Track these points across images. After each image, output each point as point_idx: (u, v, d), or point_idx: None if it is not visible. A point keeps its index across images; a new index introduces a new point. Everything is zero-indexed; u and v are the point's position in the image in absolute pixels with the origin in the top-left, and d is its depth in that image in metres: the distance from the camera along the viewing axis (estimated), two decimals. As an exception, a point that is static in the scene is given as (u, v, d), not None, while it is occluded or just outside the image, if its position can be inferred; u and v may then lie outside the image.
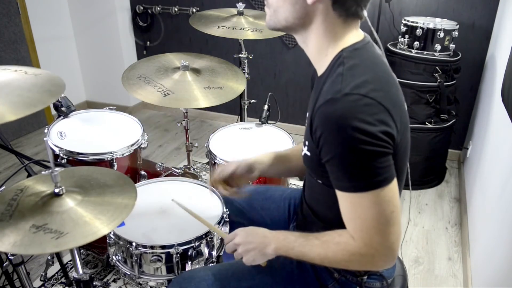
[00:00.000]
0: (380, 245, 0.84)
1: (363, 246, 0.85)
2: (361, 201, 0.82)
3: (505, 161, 1.60)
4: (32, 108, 0.95)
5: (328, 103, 0.79)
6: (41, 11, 3.21)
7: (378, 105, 0.78)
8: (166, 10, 3.34)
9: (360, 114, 0.76)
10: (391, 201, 0.82)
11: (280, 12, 0.89)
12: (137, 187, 1.08)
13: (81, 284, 1.10)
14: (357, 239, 0.86)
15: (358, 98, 0.77)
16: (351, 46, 0.87)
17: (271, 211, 1.31)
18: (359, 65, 0.84)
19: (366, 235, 0.84)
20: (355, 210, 0.84)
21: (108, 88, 3.65)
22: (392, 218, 0.83)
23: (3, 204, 0.97)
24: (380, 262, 0.88)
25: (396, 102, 0.84)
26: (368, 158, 0.78)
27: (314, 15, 0.86)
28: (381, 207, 0.81)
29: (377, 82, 0.81)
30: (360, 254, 0.86)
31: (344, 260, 0.89)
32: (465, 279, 1.89)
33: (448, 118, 2.50)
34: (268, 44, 3.15)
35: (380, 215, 0.82)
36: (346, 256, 0.88)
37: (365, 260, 0.87)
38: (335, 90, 0.80)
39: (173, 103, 1.57)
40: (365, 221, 0.83)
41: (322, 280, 1.04)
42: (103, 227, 0.91)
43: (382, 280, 1.02)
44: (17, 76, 1.09)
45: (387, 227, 0.83)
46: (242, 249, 1.00)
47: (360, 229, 0.85)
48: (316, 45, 0.90)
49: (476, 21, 2.61)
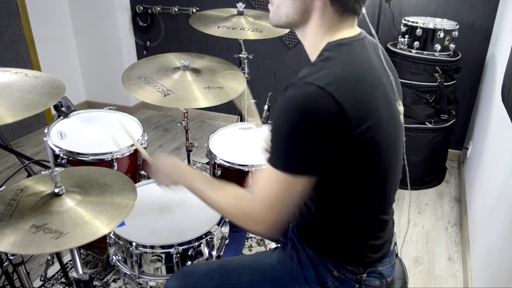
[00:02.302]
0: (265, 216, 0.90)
1: (253, 209, 0.91)
2: (273, 175, 0.86)
3: (505, 161, 1.60)
4: (32, 111, 0.95)
5: (290, 86, 0.83)
6: (41, 11, 3.21)
7: (332, 100, 0.79)
8: (166, 10, 3.34)
9: (310, 102, 0.79)
10: (292, 191, 0.87)
11: (281, 8, 0.93)
12: (137, 187, 1.09)
13: (81, 284, 1.10)
14: (253, 201, 0.91)
15: (314, 89, 0.80)
16: (337, 41, 0.90)
17: None
18: (333, 58, 0.87)
19: (261, 202, 0.90)
20: (265, 180, 0.90)
21: (108, 88, 3.65)
22: (284, 203, 0.89)
23: (3, 204, 0.97)
24: (256, 227, 0.94)
25: (362, 101, 0.85)
26: (295, 144, 0.82)
27: (312, 11, 0.90)
28: (283, 189, 0.87)
29: (342, 78, 0.83)
30: (247, 214, 0.93)
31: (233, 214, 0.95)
32: (465, 279, 1.89)
33: (448, 118, 2.50)
34: (268, 44, 3.15)
35: (279, 194, 0.88)
36: (236, 210, 0.94)
37: (247, 220, 0.93)
38: (300, 75, 0.84)
39: (173, 103, 1.57)
40: (267, 191, 0.89)
41: (322, 277, 1.04)
42: (103, 227, 0.91)
43: (382, 278, 1.03)
44: (17, 78, 1.09)
45: (277, 205, 0.89)
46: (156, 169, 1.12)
47: (259, 195, 0.90)
48: (312, 39, 0.94)
49: (476, 21, 2.61)
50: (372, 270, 1.01)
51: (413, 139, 2.49)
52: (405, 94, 2.44)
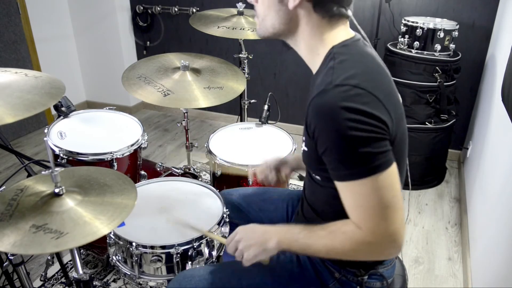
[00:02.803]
0: (386, 231, 0.83)
1: (369, 234, 0.84)
2: (361, 188, 0.81)
3: (505, 161, 1.60)
4: (32, 111, 0.95)
5: (320, 95, 0.81)
6: (41, 11, 3.21)
7: (369, 95, 0.79)
8: (166, 10, 3.34)
9: (351, 103, 0.77)
10: (391, 186, 0.82)
11: (267, 20, 0.93)
12: (137, 187, 1.09)
13: (81, 284, 1.10)
14: (362, 227, 0.84)
15: (348, 89, 0.79)
16: (341, 43, 0.90)
17: (269, 212, 1.31)
18: (349, 59, 0.86)
19: (371, 222, 0.83)
20: (356, 199, 0.83)
21: (108, 88, 3.65)
22: (394, 203, 0.82)
23: (3, 204, 0.97)
24: (387, 249, 0.87)
25: (388, 92, 0.86)
26: (362, 144, 0.78)
27: (298, 19, 0.90)
28: (381, 193, 0.81)
29: (367, 74, 0.83)
30: (368, 243, 0.85)
31: (352, 250, 0.87)
32: (465, 279, 1.89)
33: (448, 118, 2.50)
34: (268, 44, 3.15)
35: (381, 200, 0.81)
36: (354, 245, 0.86)
37: (372, 248, 0.86)
38: (326, 82, 0.82)
39: (173, 103, 1.57)
40: (368, 208, 0.82)
41: (323, 279, 1.04)
42: (103, 227, 0.91)
43: (383, 280, 1.03)
44: (17, 78, 1.10)
45: (390, 212, 0.82)
46: (243, 245, 0.97)
47: (364, 217, 0.84)
48: (306, 46, 0.93)
49: (476, 21, 2.61)
50: (373, 272, 1.01)
51: (413, 139, 2.49)
52: (405, 94, 2.44)
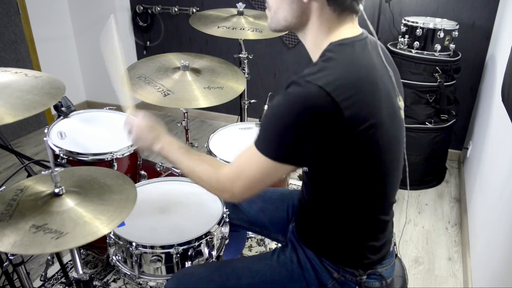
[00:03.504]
0: (236, 190, 0.95)
1: (226, 180, 0.95)
2: (252, 155, 0.90)
3: (505, 161, 1.60)
4: (32, 111, 0.95)
5: (292, 84, 0.84)
6: (41, 11, 3.21)
7: (327, 97, 0.80)
8: (166, 10, 3.34)
9: (307, 99, 0.81)
10: (269, 176, 0.91)
11: (279, 12, 0.93)
12: (137, 187, 1.09)
13: (81, 284, 1.10)
14: (228, 171, 0.96)
15: (314, 88, 0.80)
16: (339, 41, 0.90)
17: (269, 212, 1.31)
18: (335, 59, 0.87)
19: (234, 176, 0.94)
20: (244, 156, 0.94)
21: (108, 88, 3.62)
22: (259, 186, 0.94)
23: (3, 204, 0.97)
24: (226, 197, 1.00)
25: (364, 101, 0.84)
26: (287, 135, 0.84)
27: (310, 12, 0.90)
28: (259, 171, 0.90)
29: (344, 78, 0.83)
30: (218, 182, 0.97)
31: (204, 179, 1.00)
32: (465, 279, 1.89)
33: (448, 118, 2.50)
34: (268, 44, 3.15)
35: (254, 176, 0.91)
36: (208, 176, 0.99)
37: (218, 187, 0.98)
38: (302, 75, 0.84)
39: (173, 103, 1.57)
40: (243, 169, 0.93)
41: (322, 279, 1.04)
42: (103, 227, 0.91)
43: (382, 279, 1.03)
44: (17, 78, 1.10)
45: (251, 187, 0.94)
46: (135, 135, 1.12)
47: (235, 169, 0.95)
48: (313, 40, 0.94)
49: (476, 21, 2.61)
50: (372, 272, 1.01)
51: (413, 139, 2.49)
52: (405, 94, 2.42)
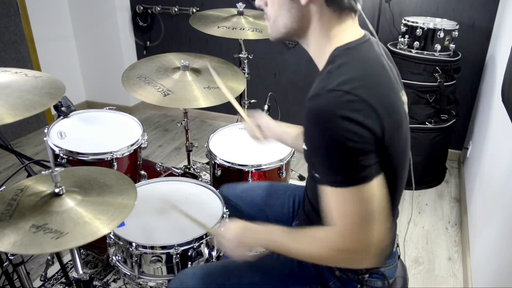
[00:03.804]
0: (362, 242, 0.84)
1: (344, 241, 0.85)
2: (342, 196, 0.81)
3: (505, 161, 1.60)
4: (32, 111, 0.95)
5: (312, 98, 0.80)
6: (41, 11, 3.21)
7: (361, 102, 0.78)
8: (166, 10, 3.34)
9: (342, 110, 0.76)
10: (373, 200, 0.81)
11: (278, 20, 0.91)
12: (137, 187, 1.09)
13: (81, 284, 1.10)
14: (338, 234, 0.85)
15: (340, 94, 0.77)
16: (345, 45, 0.88)
17: (275, 207, 1.31)
18: (348, 63, 0.85)
19: (347, 230, 0.83)
20: (336, 205, 0.84)
21: (108, 88, 3.65)
22: (374, 216, 0.82)
23: (3, 204, 0.97)
24: (362, 259, 0.87)
25: (385, 100, 0.83)
26: (347, 154, 0.78)
27: (310, 15, 0.88)
28: (361, 204, 0.81)
29: (363, 80, 0.81)
30: (342, 251, 0.86)
31: (328, 256, 0.89)
32: (465, 279, 1.89)
33: (448, 118, 2.50)
34: (268, 44, 3.14)
35: (361, 212, 0.81)
36: (329, 252, 0.88)
37: (347, 256, 0.87)
38: (320, 86, 0.81)
39: (173, 103, 1.57)
40: (346, 217, 0.83)
41: (323, 277, 1.04)
42: (103, 227, 0.91)
43: (384, 279, 1.02)
44: (17, 78, 1.09)
45: (369, 224, 0.82)
46: (226, 242, 1.02)
47: (341, 225, 0.84)
48: (316, 45, 0.92)
49: (476, 21, 2.61)
50: (374, 271, 1.01)
51: (413, 139, 2.46)
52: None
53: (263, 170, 1.68)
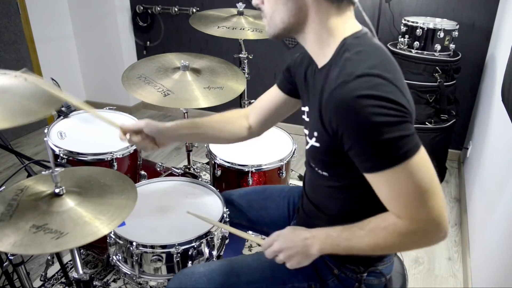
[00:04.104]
0: (428, 216, 0.81)
1: (412, 222, 0.82)
2: (396, 176, 0.79)
3: (505, 161, 1.60)
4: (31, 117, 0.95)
5: (341, 86, 0.78)
6: (41, 11, 3.21)
7: (390, 85, 0.78)
8: (166, 10, 3.34)
9: (375, 92, 0.76)
10: (425, 169, 0.79)
11: (275, 15, 0.89)
12: (137, 187, 1.09)
13: (81, 284, 1.10)
14: (403, 217, 0.82)
15: (370, 79, 0.77)
16: (353, 35, 0.87)
17: (270, 210, 1.31)
18: (364, 51, 0.84)
19: (411, 210, 0.81)
20: (392, 188, 0.81)
21: (108, 88, 3.65)
22: (432, 187, 0.80)
23: (3, 204, 0.97)
24: (433, 235, 0.83)
25: (403, 85, 0.83)
26: (389, 130, 0.76)
27: (307, 8, 0.86)
28: (416, 178, 0.78)
29: (385, 65, 0.82)
30: (412, 232, 0.83)
31: (397, 243, 0.86)
32: (465, 279, 1.88)
33: (448, 118, 2.50)
34: (268, 44, 3.15)
35: (419, 185, 0.79)
36: (398, 238, 0.84)
37: (417, 237, 0.84)
38: (346, 73, 0.79)
39: (173, 103, 1.57)
40: (406, 196, 0.80)
41: (322, 275, 1.04)
42: (103, 227, 0.91)
43: (381, 277, 1.03)
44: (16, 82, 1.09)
45: (429, 196, 0.80)
46: (285, 256, 0.95)
47: (404, 206, 0.81)
48: (315, 38, 0.90)
49: (476, 21, 2.61)
50: (372, 269, 1.01)
51: (413, 139, 2.49)
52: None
53: (263, 170, 1.69)
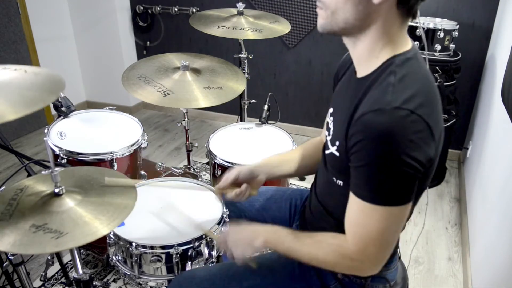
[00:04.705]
0: (373, 255, 0.87)
1: (356, 251, 0.86)
2: (372, 212, 0.82)
3: (505, 161, 1.60)
4: (33, 107, 0.95)
5: (376, 113, 0.77)
6: (41, 11, 3.21)
7: (423, 123, 0.76)
8: (166, 10, 3.34)
9: (405, 132, 0.75)
10: (399, 222, 0.84)
11: (339, 13, 0.83)
12: (137, 187, 1.09)
13: (81, 284, 1.10)
14: (352, 243, 0.87)
15: (406, 114, 0.75)
16: (404, 54, 0.84)
17: (272, 211, 1.31)
18: (409, 76, 0.81)
19: (363, 243, 0.85)
20: (362, 218, 0.84)
21: (108, 88, 3.65)
22: (394, 237, 0.86)
23: (3, 204, 0.97)
24: (367, 269, 0.90)
25: (438, 119, 0.82)
26: (400, 179, 0.78)
27: (376, 16, 0.82)
28: (388, 224, 0.82)
29: (424, 97, 0.79)
30: (351, 259, 0.88)
31: (333, 262, 0.91)
32: (465, 279, 1.88)
33: (448, 118, 2.50)
34: (268, 44, 3.14)
35: (384, 230, 0.83)
36: (336, 258, 0.90)
37: (353, 264, 0.89)
38: (385, 101, 0.77)
39: (173, 103, 1.57)
40: (368, 231, 0.84)
41: (324, 280, 1.03)
42: (103, 227, 0.91)
43: (386, 282, 1.02)
44: (16, 75, 1.09)
45: (386, 243, 0.86)
46: (231, 243, 1.01)
47: (359, 236, 0.86)
48: (369, 47, 0.86)
49: (476, 21, 2.61)
50: (377, 275, 1.00)
51: (413, 139, 2.48)
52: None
53: (263, 170, 1.68)
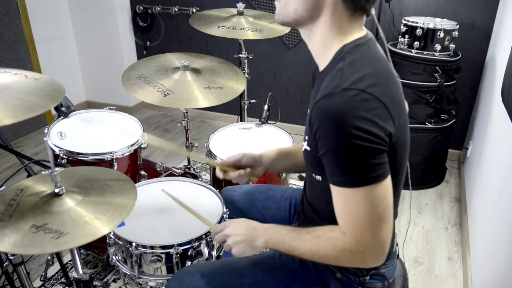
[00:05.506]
0: (371, 242, 0.85)
1: (353, 242, 0.86)
2: (354, 196, 0.82)
3: (505, 161, 1.60)
4: (32, 112, 0.95)
5: (326, 98, 0.80)
6: (41, 11, 3.21)
7: (375, 100, 0.78)
8: (166, 10, 3.34)
9: (358, 110, 0.77)
10: (384, 199, 0.83)
11: (289, 4, 0.89)
12: (137, 187, 1.09)
13: (81, 284, 1.10)
14: (348, 234, 0.86)
15: (356, 93, 0.78)
16: (353, 42, 0.88)
17: (272, 210, 1.32)
18: (359, 60, 0.84)
19: (357, 231, 0.85)
20: (347, 206, 0.84)
21: (108, 88, 3.65)
22: (384, 216, 0.84)
23: (3, 204, 0.97)
24: (369, 259, 0.88)
25: (395, 99, 0.84)
26: (362, 154, 0.78)
27: (323, 7, 0.86)
28: (373, 204, 0.82)
29: (376, 78, 0.82)
30: (350, 250, 0.87)
31: (335, 256, 0.89)
32: (465, 279, 1.89)
33: (448, 118, 2.50)
34: (268, 44, 3.15)
35: (372, 211, 0.82)
36: (337, 252, 0.88)
37: (355, 256, 0.88)
38: (333, 85, 0.80)
39: (173, 103, 1.57)
40: (357, 217, 0.83)
41: (324, 279, 1.04)
42: (103, 227, 0.91)
43: (384, 280, 1.02)
44: (17, 79, 1.09)
45: (379, 224, 0.84)
46: (231, 241, 1.00)
47: (352, 225, 0.85)
48: (321, 39, 0.90)
49: (476, 21, 2.61)
50: (375, 272, 1.01)
51: (413, 139, 2.44)
52: (405, 94, 2.41)
53: (263, 170, 1.68)
